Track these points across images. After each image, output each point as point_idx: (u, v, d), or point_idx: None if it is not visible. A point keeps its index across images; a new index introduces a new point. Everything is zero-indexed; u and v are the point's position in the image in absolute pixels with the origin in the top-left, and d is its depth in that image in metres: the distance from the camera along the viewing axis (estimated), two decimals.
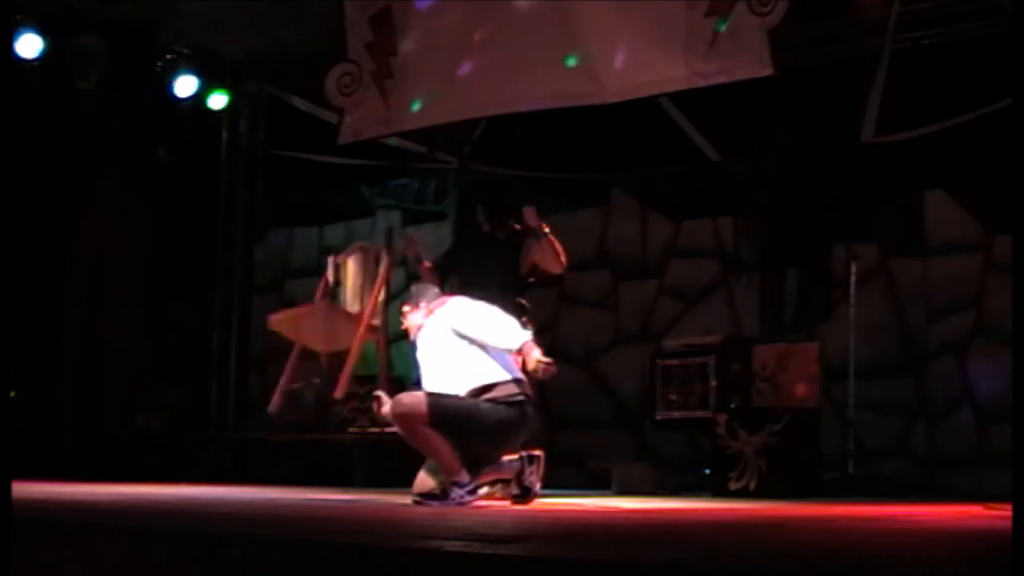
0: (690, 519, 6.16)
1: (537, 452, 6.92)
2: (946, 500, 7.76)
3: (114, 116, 11.25)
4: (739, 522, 5.96)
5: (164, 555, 4.20)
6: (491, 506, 6.76)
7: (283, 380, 9.77)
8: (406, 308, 7.03)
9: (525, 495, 6.81)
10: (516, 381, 6.76)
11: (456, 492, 6.62)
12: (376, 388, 7.83)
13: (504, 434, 6.75)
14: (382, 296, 9.45)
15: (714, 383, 9.01)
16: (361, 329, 9.31)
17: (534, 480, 6.83)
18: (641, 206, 10.68)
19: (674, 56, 8.85)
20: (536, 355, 6.60)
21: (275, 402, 9.64)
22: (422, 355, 6.92)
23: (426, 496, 6.65)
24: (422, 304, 6.95)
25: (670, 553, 4.04)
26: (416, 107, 10.02)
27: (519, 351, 6.68)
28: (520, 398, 6.74)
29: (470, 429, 6.64)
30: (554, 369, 6.62)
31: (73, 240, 11.37)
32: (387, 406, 6.77)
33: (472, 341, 6.73)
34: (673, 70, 8.91)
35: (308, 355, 10.09)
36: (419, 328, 6.91)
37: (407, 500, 6.79)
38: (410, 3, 10.07)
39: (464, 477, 6.64)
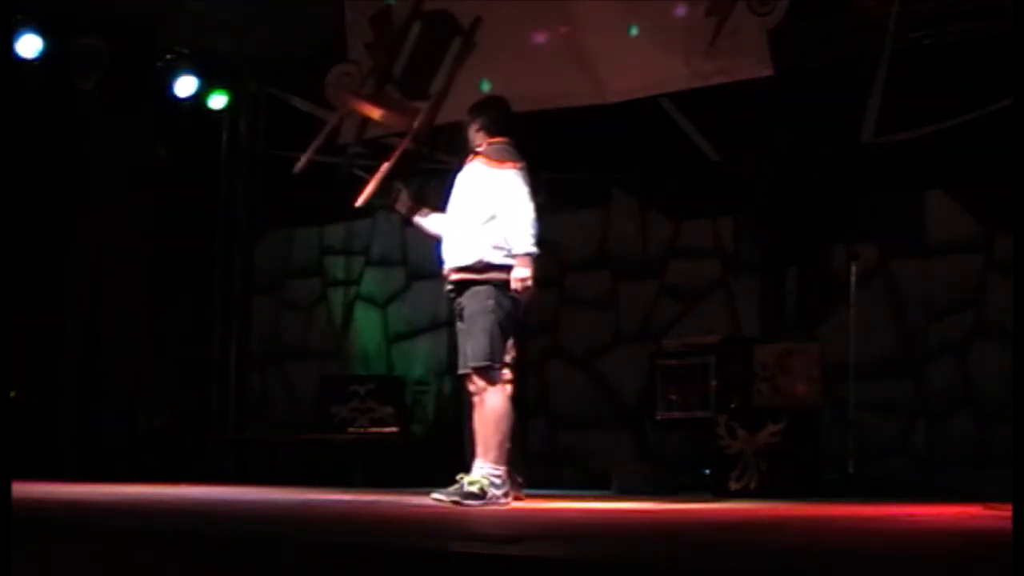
0: (690, 519, 6.16)
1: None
2: (946, 500, 7.76)
3: (114, 116, 11.23)
4: (739, 522, 5.97)
5: (164, 555, 4.20)
6: (491, 506, 6.77)
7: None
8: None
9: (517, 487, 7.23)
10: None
11: (493, 493, 6.73)
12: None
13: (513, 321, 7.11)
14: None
15: (714, 383, 9.00)
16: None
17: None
18: (641, 206, 10.66)
19: (674, 56, 8.85)
20: (520, 273, 6.87)
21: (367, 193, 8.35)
22: (456, 193, 7.22)
23: (464, 496, 6.72)
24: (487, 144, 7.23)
25: (670, 553, 4.04)
26: None
27: (515, 255, 6.92)
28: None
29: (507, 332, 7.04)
30: (531, 289, 6.89)
31: (73, 240, 11.35)
32: (403, 200, 7.39)
33: (492, 217, 6.99)
34: (673, 70, 8.91)
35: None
36: (471, 158, 7.22)
37: (407, 500, 6.80)
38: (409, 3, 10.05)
39: (501, 472, 6.85)
